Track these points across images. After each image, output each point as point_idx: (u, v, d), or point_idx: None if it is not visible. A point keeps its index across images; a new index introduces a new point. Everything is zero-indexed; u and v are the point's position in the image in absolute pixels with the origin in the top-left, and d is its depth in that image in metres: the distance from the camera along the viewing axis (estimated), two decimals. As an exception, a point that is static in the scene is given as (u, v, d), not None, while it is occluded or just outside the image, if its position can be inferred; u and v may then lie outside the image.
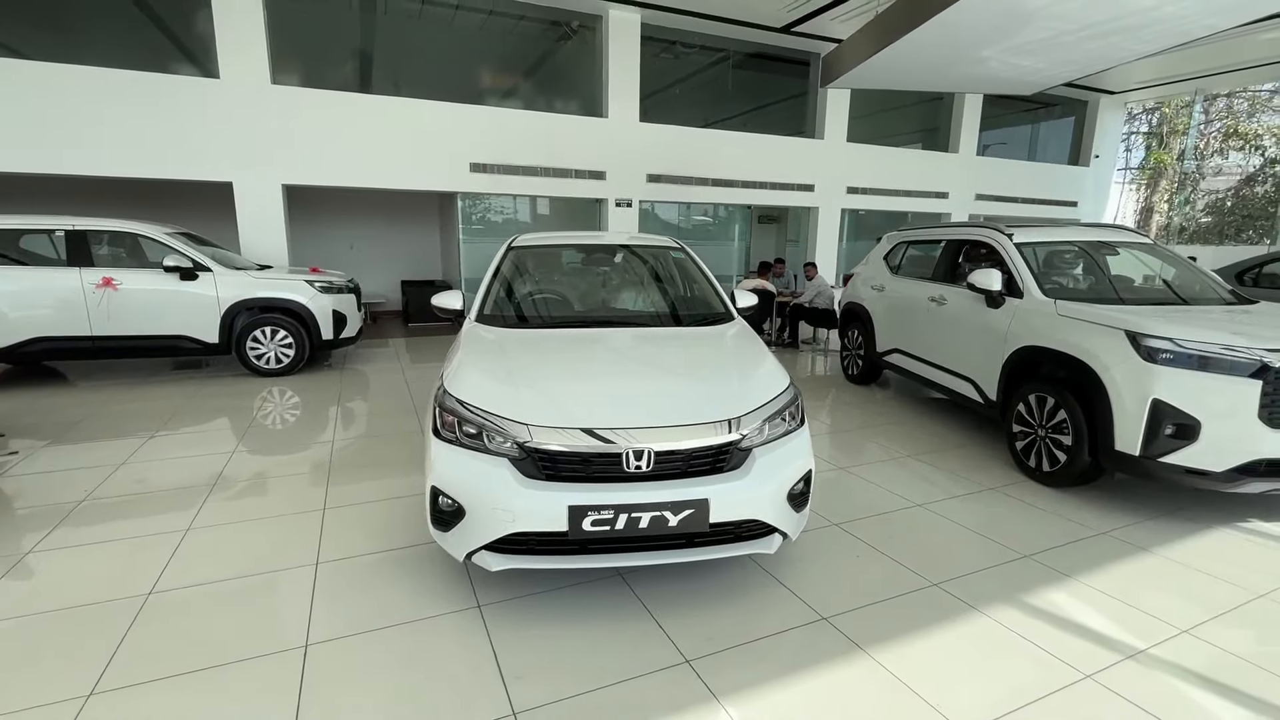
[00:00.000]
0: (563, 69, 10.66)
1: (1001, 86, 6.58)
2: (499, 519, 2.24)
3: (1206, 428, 3.10)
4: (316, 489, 3.63)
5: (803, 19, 9.78)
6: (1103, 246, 4.65)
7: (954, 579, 2.76)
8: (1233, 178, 19.74)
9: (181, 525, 3.15)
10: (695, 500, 2.25)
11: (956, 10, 4.40)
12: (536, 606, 2.50)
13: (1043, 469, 3.86)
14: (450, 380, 2.59)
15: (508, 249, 3.86)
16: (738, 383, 2.59)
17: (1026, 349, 4.00)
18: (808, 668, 2.16)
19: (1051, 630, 2.40)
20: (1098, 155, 15.14)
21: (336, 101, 8.04)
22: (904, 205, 12.83)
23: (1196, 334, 3.21)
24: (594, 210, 10.30)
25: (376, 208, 11.37)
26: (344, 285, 6.78)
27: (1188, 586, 2.74)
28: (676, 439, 2.29)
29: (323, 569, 2.76)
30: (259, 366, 6.35)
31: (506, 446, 2.32)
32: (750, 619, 2.44)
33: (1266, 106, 19.82)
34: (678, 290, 3.79)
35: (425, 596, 2.56)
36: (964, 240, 5.19)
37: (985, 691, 2.06)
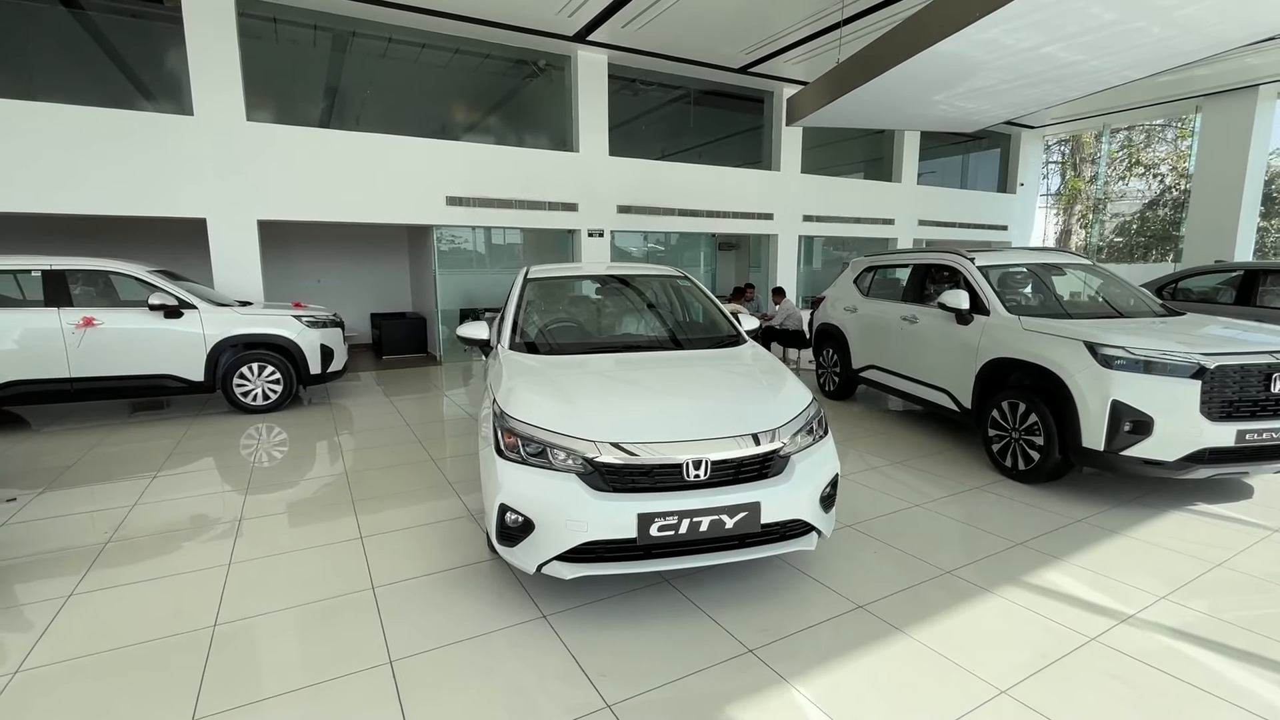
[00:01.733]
0: (531, 105, 10.99)
1: (948, 125, 7.26)
2: (572, 530, 2.43)
3: (1158, 423, 3.57)
4: (346, 519, 3.69)
5: (759, 60, 10.45)
6: (1051, 268, 5.23)
7: (963, 566, 3.08)
8: (1137, 202, 21.76)
9: (221, 560, 3.17)
10: (749, 504, 2.50)
11: (915, 61, 4.93)
12: (598, 613, 2.67)
13: (1018, 468, 4.28)
14: (508, 403, 2.76)
15: (525, 281, 4.06)
16: (772, 397, 2.87)
17: (996, 360, 4.46)
18: (858, 648, 2.42)
19: (1054, 604, 2.74)
20: (1023, 183, 16.50)
21: (313, 138, 8.09)
22: (855, 231, 13.65)
23: (1144, 342, 3.71)
24: (566, 241, 10.57)
25: (344, 240, 11.32)
26: (329, 319, 6.78)
27: (1157, 562, 3.15)
28: (729, 449, 2.54)
29: (380, 593, 2.85)
30: (245, 404, 6.25)
31: (573, 462, 2.52)
32: (796, 612, 2.68)
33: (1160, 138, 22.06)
34: (690, 315, 4.08)
35: (489, 610, 2.69)
36: (929, 264, 5.70)
37: (1012, 656, 2.37)
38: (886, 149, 14.46)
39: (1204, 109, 12.93)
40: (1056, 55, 4.86)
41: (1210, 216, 12.70)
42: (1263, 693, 2.17)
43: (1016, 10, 3.98)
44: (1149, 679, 2.24)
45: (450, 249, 10.51)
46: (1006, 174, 16.59)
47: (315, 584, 2.94)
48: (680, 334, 3.91)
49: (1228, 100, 12.40)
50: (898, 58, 5.01)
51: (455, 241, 10.68)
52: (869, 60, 5.47)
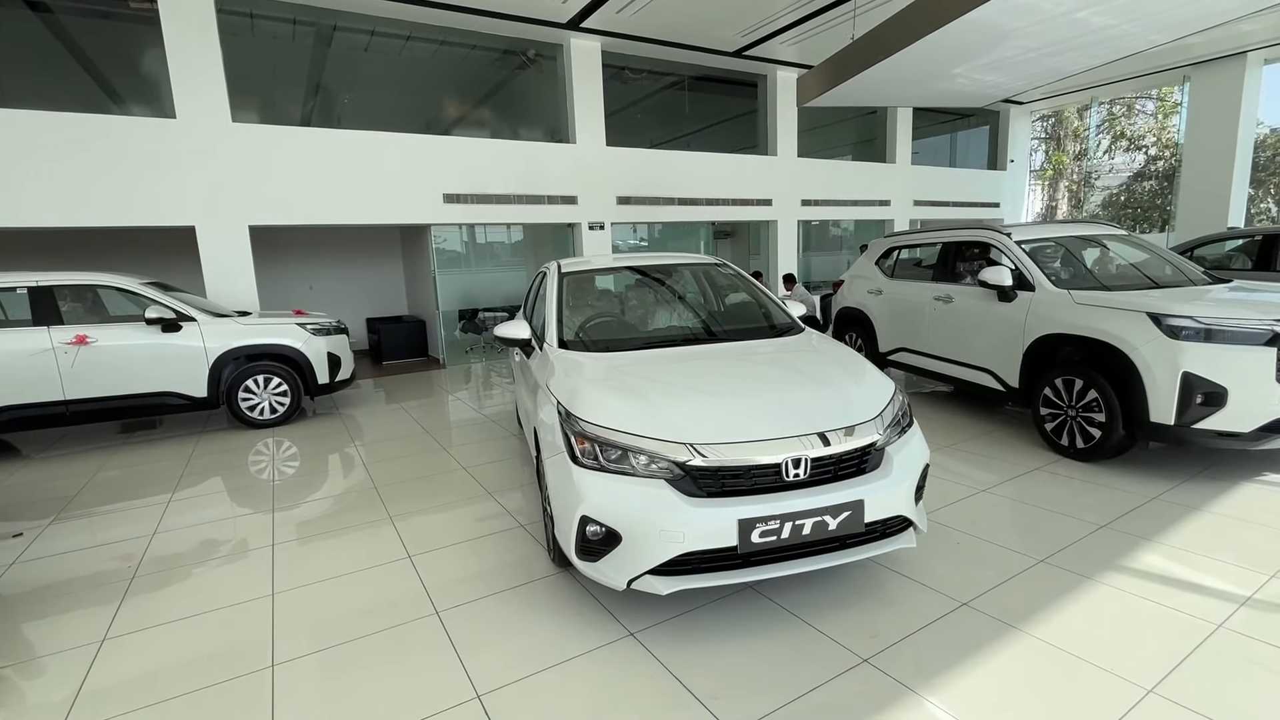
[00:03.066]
0: (523, 97, 10.69)
1: (959, 100, 7.12)
2: (666, 541, 2.23)
3: (1233, 394, 3.45)
4: (387, 537, 3.45)
5: (755, 43, 10.24)
6: (1087, 240, 5.10)
7: (1056, 553, 2.94)
8: (1122, 175, 21.95)
9: (263, 589, 2.92)
10: (852, 502, 2.32)
11: (944, 32, 4.76)
12: (690, 627, 2.48)
13: (1076, 446, 4.16)
14: (578, 405, 2.55)
15: (560, 276, 3.84)
16: (856, 387, 2.69)
17: (1047, 337, 4.33)
18: (979, 650, 2.26)
19: (1164, 589, 2.60)
20: (1013, 160, 16.50)
21: (303, 138, 7.74)
22: (852, 214, 13.54)
23: (1213, 311, 3.58)
24: (566, 235, 10.31)
25: (335, 244, 10.95)
26: (335, 326, 6.49)
27: (1251, 538, 3.02)
28: (827, 445, 2.35)
29: (446, 618, 2.63)
30: (252, 418, 5.95)
31: (660, 467, 2.32)
32: (899, 613, 2.51)
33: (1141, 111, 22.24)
34: (741, 304, 3.89)
35: (572, 631, 2.49)
36: (959, 242, 5.56)
37: (1143, 650, 2.21)
38: (879, 130, 14.36)
39: (1193, 78, 12.97)
40: (1090, 20, 4.72)
41: (1202, 186, 12.77)
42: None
43: (1062, -29, 3.82)
44: (1298, 667, 2.10)
45: (447, 248, 10.21)
46: (996, 151, 16.58)
47: (373, 612, 2.71)
48: (736, 324, 3.71)
49: (1216, 68, 12.43)
50: (927, 28, 4.83)
51: (452, 240, 10.38)
52: (891, 33, 5.29)
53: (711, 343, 3.28)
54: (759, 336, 3.39)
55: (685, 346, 3.22)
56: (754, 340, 3.32)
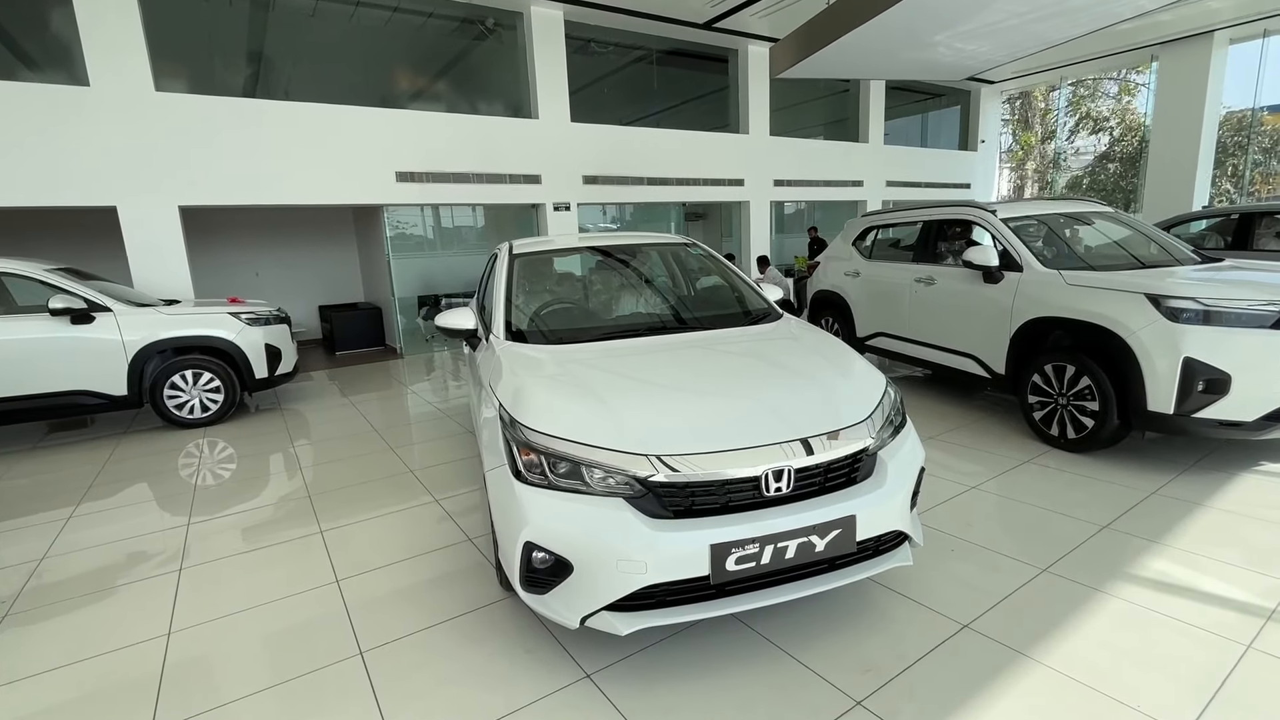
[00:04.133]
0: (482, 70, 10.10)
1: (939, 72, 6.82)
2: (626, 571, 1.87)
3: (1236, 380, 3.22)
4: (315, 556, 3.03)
5: (725, 15, 9.79)
6: (1074, 218, 4.86)
7: (1057, 561, 2.67)
8: (1087, 157, 22.13)
9: (158, 628, 2.49)
10: (842, 519, 1.99)
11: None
12: (655, 664, 2.14)
13: (1067, 436, 3.92)
14: (522, 410, 2.16)
15: (511, 258, 3.42)
16: (845, 383, 2.36)
17: (1036, 321, 4.07)
18: (987, 686, 1.96)
19: (1180, 602, 2.35)
20: (983, 140, 16.40)
21: (238, 110, 7.09)
22: (825, 195, 13.26)
23: (1215, 292, 3.34)
24: (530, 216, 9.81)
25: (283, 227, 10.27)
26: (273, 315, 5.95)
27: (1260, 538, 2.80)
28: (813, 452, 2.01)
29: (372, 660, 2.24)
30: (181, 417, 5.42)
31: (619, 483, 1.96)
32: (893, 641, 2.21)
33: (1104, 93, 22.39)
34: (714, 288, 3.52)
35: (521, 675, 2.12)
36: (940, 221, 5.27)
37: (1169, 679, 1.94)
38: (852, 109, 14.06)
39: (1160, 58, 12.93)
40: (1082, -20, 4.43)
41: (1169, 165, 12.80)
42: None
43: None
44: (1344, 698, 1.85)
45: (403, 231, 9.64)
46: (967, 131, 16.44)
47: (284, 654, 2.30)
48: (708, 310, 3.35)
49: (1184, 47, 12.39)
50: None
51: (408, 223, 9.81)
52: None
53: (680, 332, 2.91)
54: (733, 324, 3.03)
55: (651, 337, 2.85)
56: (728, 329, 2.96)
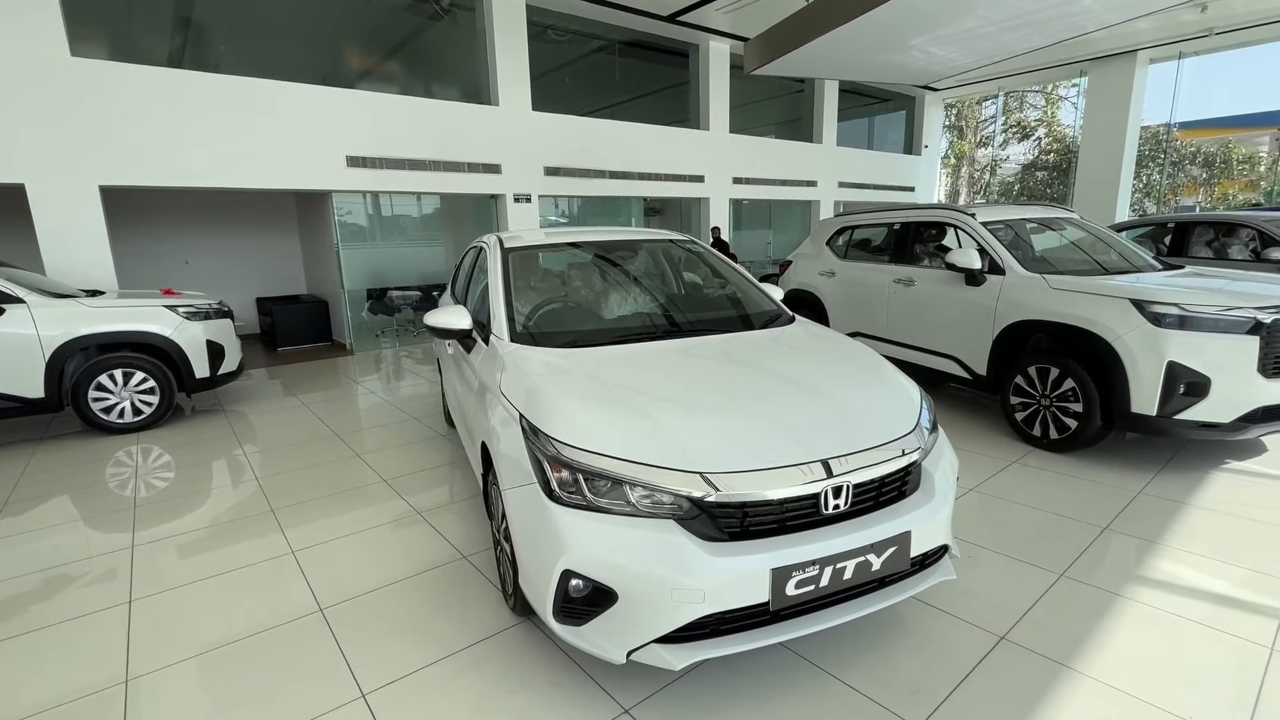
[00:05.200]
0: (437, 52, 9.61)
1: (906, 75, 6.94)
2: (681, 600, 1.72)
3: (1216, 383, 3.36)
4: (289, 580, 2.73)
5: (689, 8, 9.68)
6: (1044, 223, 5.00)
7: (1071, 565, 2.69)
8: (1016, 165, 23.38)
9: (110, 675, 2.15)
10: (898, 535, 1.90)
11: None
12: (695, 694, 1.99)
13: (1049, 437, 4.02)
14: (551, 422, 1.96)
15: (505, 253, 3.18)
16: (887, 392, 2.27)
17: (1020, 323, 4.15)
18: (1037, 701, 1.92)
19: (1200, 605, 2.39)
20: (927, 145, 17.01)
21: (171, 82, 6.43)
22: (781, 194, 13.40)
23: (1198, 298, 3.47)
24: (489, 206, 9.43)
25: (216, 211, 9.48)
26: (215, 309, 5.43)
27: (1250, 534, 2.91)
28: (869, 466, 1.91)
29: (377, 703, 2.00)
30: (108, 422, 4.86)
31: (668, 504, 1.80)
32: (935, 657, 2.14)
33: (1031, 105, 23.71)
34: (721, 289, 3.38)
35: (548, 713, 1.93)
36: (917, 223, 5.33)
37: (1209, 687, 1.96)
38: (805, 109, 14.26)
39: (1090, 73, 13.71)
40: (1058, -8, 4.54)
41: (1096, 174, 13.61)
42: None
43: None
44: (1373, 699, 1.90)
45: (353, 220, 9.08)
46: (912, 136, 17.01)
47: (276, 697, 2.02)
48: (721, 312, 3.21)
49: (1111, 64, 13.18)
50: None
51: (358, 211, 9.24)
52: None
53: (697, 335, 2.76)
54: (749, 327, 2.91)
55: (669, 341, 2.69)
56: (746, 332, 2.83)
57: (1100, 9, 4.95)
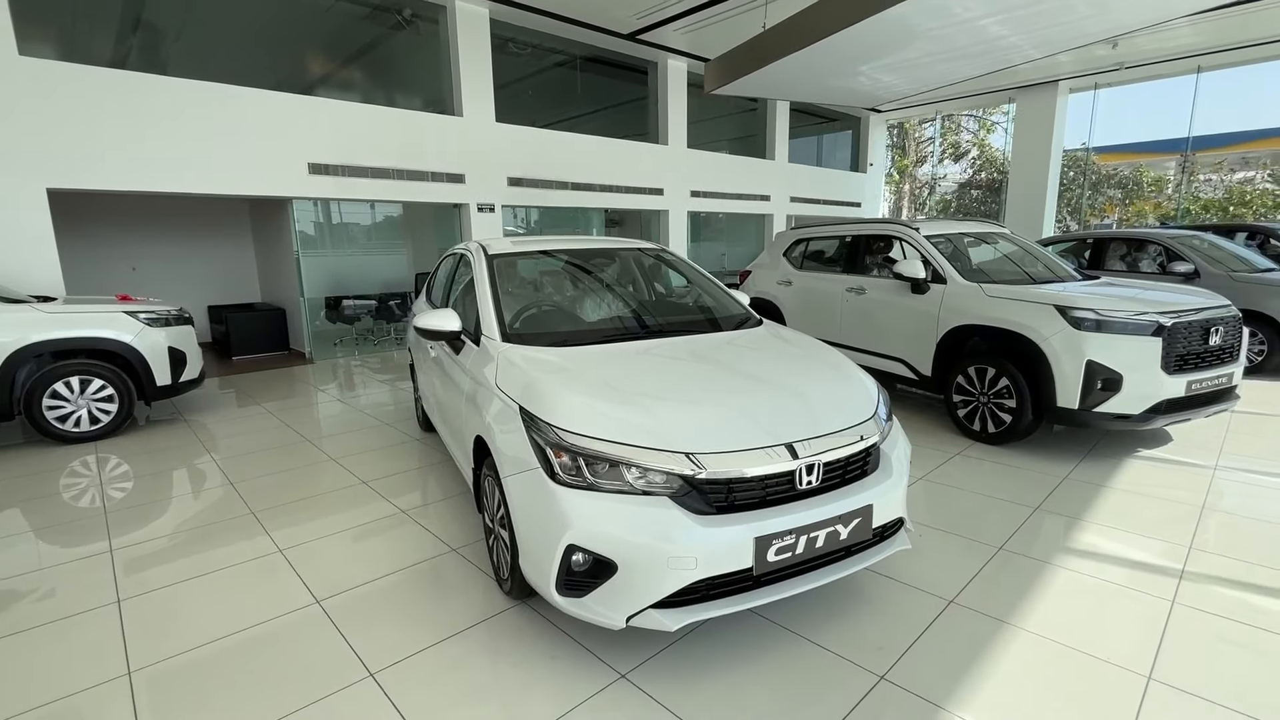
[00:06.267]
0: (398, 61, 9.64)
1: (855, 98, 7.41)
2: (676, 568, 1.91)
3: (1127, 379, 3.80)
4: (281, 577, 2.79)
5: (649, 27, 10.03)
6: (982, 237, 5.47)
7: (1008, 540, 3.02)
8: (953, 184, 24.75)
9: (115, 669, 2.19)
10: (862, 508, 2.15)
11: (867, 24, 4.81)
12: (684, 659, 2.19)
13: (987, 431, 4.41)
14: (550, 411, 2.14)
15: (489, 259, 3.34)
16: (849, 383, 2.54)
17: (960, 328, 4.54)
18: (982, 652, 2.20)
19: (1114, 569, 2.74)
20: (872, 163, 17.90)
21: (125, 85, 6.29)
22: (737, 208, 13.88)
23: (1111, 305, 3.92)
24: (452, 215, 9.48)
25: (166, 217, 9.20)
26: (176, 315, 5.34)
27: (1157, 511, 3.31)
28: (836, 447, 2.16)
29: (385, 679, 2.11)
30: (64, 431, 4.72)
31: (662, 482, 2.00)
32: (894, 619, 2.40)
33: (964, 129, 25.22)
34: (694, 294, 3.62)
35: (546, 682, 2.09)
36: (867, 235, 5.73)
37: (1124, 635, 2.28)
38: (759, 127, 14.83)
39: (1017, 100, 14.77)
40: (989, 29, 5.02)
41: (1025, 193, 14.63)
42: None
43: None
44: (1251, 638, 2.25)
45: (310, 228, 8.97)
46: (858, 154, 17.86)
47: (283, 681, 2.11)
48: (694, 315, 3.45)
49: (1035, 93, 14.24)
50: (851, 19, 4.85)
51: (317, 219, 9.14)
52: (810, 23, 5.29)
53: (675, 336, 2.98)
54: (721, 329, 3.15)
55: (649, 340, 2.90)
56: (720, 333, 3.07)
57: (1024, 45, 5.48)
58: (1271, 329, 6.08)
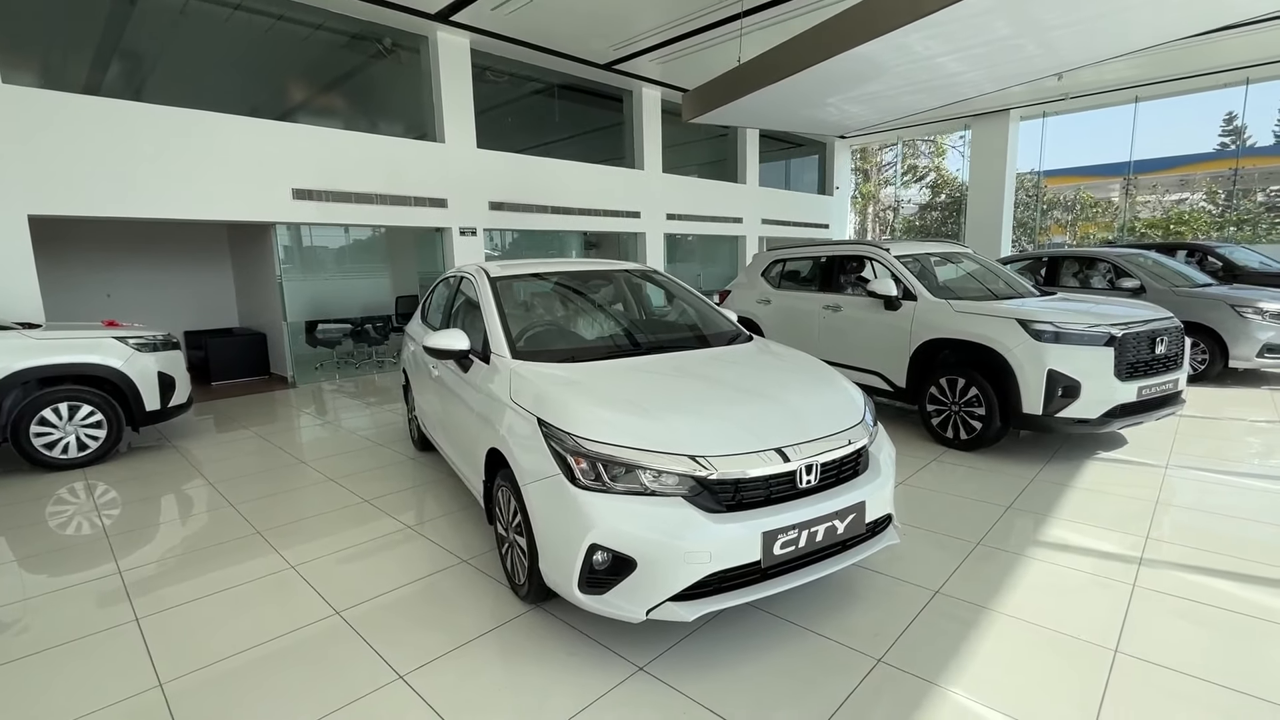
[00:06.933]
0: (378, 89, 9.80)
1: (824, 128, 7.82)
2: (691, 562, 2.08)
3: (1084, 386, 4.12)
4: (297, 591, 2.86)
5: (625, 58, 10.39)
6: (946, 256, 5.83)
7: (984, 536, 3.25)
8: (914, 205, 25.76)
9: (145, 681, 2.25)
10: (856, 505, 2.36)
11: (838, 60, 5.17)
12: (697, 651, 2.34)
13: (960, 438, 4.69)
14: (568, 420, 2.31)
15: (492, 281, 3.49)
16: (838, 392, 2.76)
17: (932, 341, 4.84)
18: (968, 634, 2.40)
19: (1081, 558, 2.99)
20: (838, 187, 18.57)
21: (110, 112, 6.31)
22: (710, 230, 14.27)
23: (1067, 318, 4.25)
24: (432, 239, 9.59)
25: (142, 242, 9.11)
26: (164, 340, 5.34)
27: (1117, 507, 3.60)
28: (832, 449, 2.37)
29: (416, 682, 2.22)
30: (51, 458, 4.67)
31: (676, 483, 2.17)
32: (886, 609, 2.60)
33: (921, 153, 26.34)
34: (687, 312, 3.83)
35: (567, 678, 2.22)
36: (842, 256, 6.05)
37: (1093, 615, 2.51)
38: (730, 152, 15.32)
39: (973, 127, 15.58)
40: (947, 65, 5.43)
41: (983, 215, 15.37)
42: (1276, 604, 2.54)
43: (942, 17, 4.32)
44: (1205, 613, 2.51)
45: (295, 251, 8.99)
46: (824, 178, 18.52)
47: (316, 684, 2.20)
48: (689, 332, 3.65)
49: (989, 120, 15.05)
50: (816, 58, 5.20)
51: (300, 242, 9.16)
52: (782, 59, 5.64)
53: (673, 351, 3.18)
54: (715, 344, 3.35)
55: (649, 356, 3.08)
56: (714, 348, 3.27)
57: (980, 79, 5.92)
58: (1211, 339, 6.56)
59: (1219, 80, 12.50)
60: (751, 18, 8.18)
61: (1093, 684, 2.11)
